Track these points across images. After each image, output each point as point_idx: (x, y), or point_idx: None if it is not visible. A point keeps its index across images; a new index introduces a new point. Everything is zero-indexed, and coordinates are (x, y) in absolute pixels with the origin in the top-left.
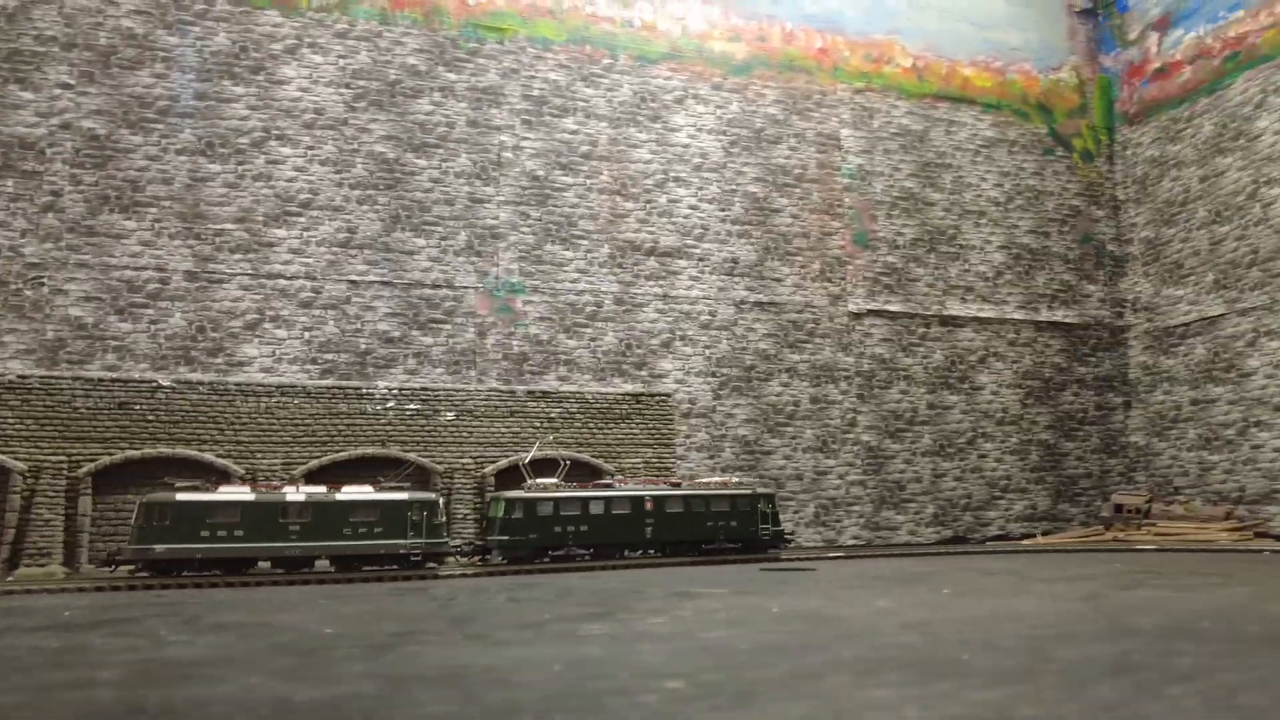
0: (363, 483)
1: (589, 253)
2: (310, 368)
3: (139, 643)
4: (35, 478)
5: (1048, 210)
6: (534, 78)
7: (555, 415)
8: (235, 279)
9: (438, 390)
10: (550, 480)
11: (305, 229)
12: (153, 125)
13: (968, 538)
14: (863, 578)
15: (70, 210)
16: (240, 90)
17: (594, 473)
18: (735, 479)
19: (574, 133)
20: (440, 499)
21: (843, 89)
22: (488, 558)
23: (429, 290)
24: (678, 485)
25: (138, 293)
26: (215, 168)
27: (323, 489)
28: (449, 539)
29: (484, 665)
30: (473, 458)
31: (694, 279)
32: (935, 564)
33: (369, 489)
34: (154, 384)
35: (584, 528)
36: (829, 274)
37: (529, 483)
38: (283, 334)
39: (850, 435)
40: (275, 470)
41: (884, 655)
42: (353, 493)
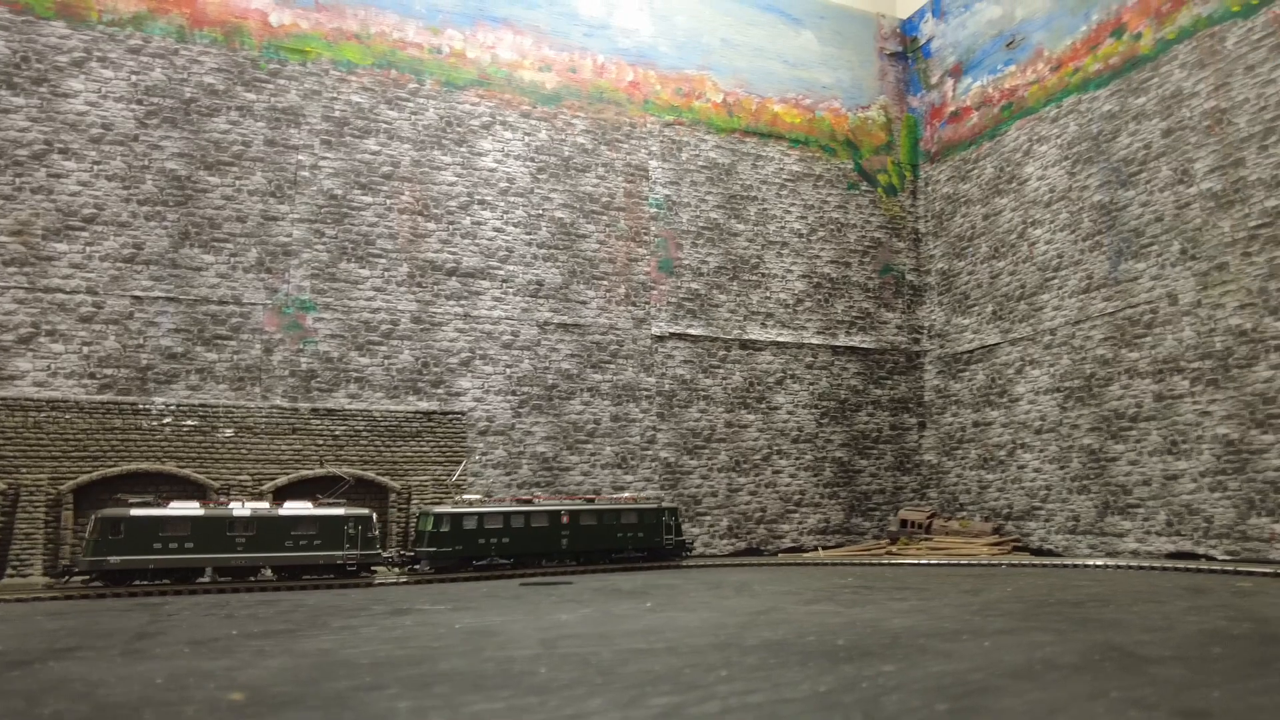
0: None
1: (386, 271)
2: (88, 382)
3: None
4: None
5: (849, 242)
6: (336, 99)
7: (340, 433)
8: (9, 292)
9: (218, 407)
10: (335, 499)
11: (88, 243)
12: None
13: (761, 550)
14: (605, 590)
15: None
16: (20, 101)
17: (381, 490)
18: (645, 494)
19: (375, 153)
20: (373, 514)
21: (652, 121)
22: (416, 568)
23: (215, 306)
24: (591, 500)
25: None
26: None
27: (266, 505)
28: (380, 551)
29: None
30: (250, 474)
31: (497, 299)
32: (697, 576)
33: (308, 505)
34: None
35: (505, 540)
36: (634, 298)
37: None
38: (59, 348)
39: (649, 452)
40: (40, 485)
41: (478, 669)
42: (294, 508)
